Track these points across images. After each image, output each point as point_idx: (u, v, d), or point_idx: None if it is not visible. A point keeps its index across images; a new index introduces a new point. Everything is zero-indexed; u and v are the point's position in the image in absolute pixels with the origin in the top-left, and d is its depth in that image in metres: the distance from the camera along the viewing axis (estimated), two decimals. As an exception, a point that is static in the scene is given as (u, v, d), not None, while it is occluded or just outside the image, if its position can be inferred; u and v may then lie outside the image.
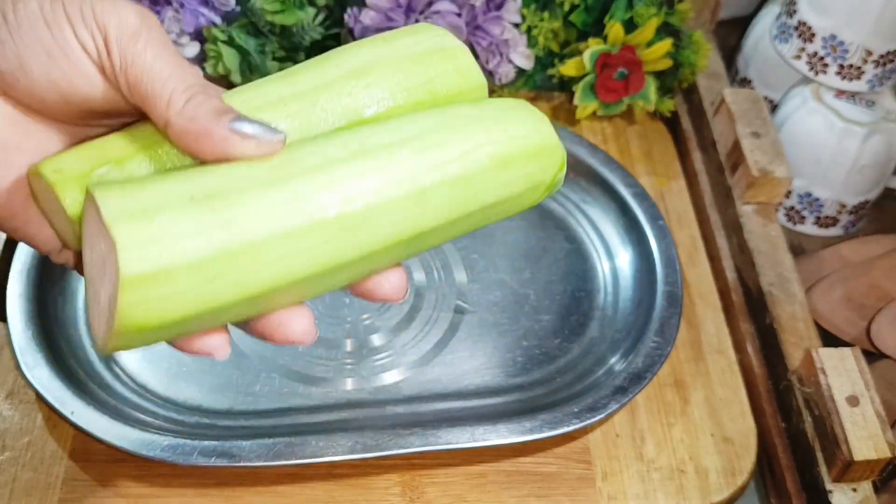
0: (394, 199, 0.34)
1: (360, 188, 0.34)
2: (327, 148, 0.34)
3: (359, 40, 0.40)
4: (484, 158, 0.37)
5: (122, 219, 0.30)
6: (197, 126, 0.34)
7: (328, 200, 0.33)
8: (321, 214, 0.33)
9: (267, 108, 0.37)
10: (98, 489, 0.58)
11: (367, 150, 0.34)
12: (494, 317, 0.68)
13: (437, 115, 0.37)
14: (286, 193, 0.33)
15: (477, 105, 0.39)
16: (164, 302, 0.31)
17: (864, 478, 0.61)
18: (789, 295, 0.70)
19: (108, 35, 0.35)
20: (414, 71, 0.39)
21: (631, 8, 0.81)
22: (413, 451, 0.58)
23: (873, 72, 0.79)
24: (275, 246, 0.32)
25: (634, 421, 0.64)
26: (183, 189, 0.32)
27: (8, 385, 0.62)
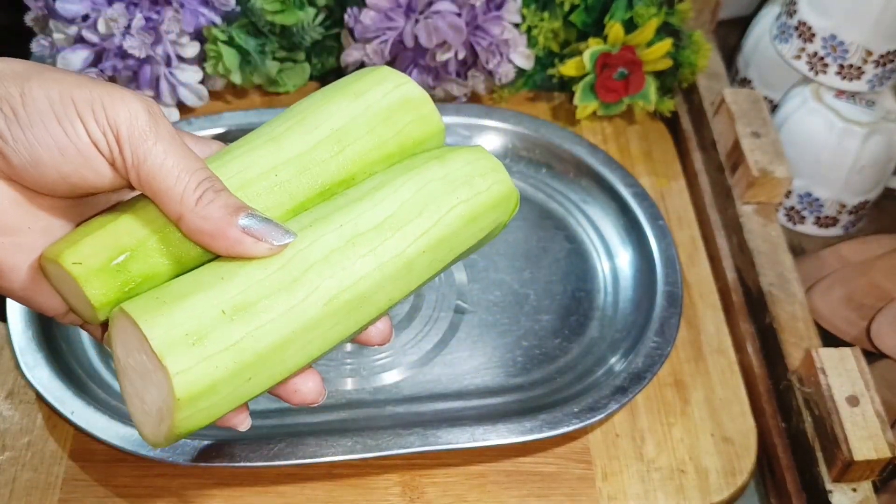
0: (387, 276, 0.41)
1: (360, 273, 0.40)
2: (325, 237, 0.40)
3: (327, 88, 0.45)
4: (456, 219, 0.43)
5: (168, 348, 0.36)
6: (210, 226, 0.38)
7: (336, 290, 0.39)
8: (332, 304, 0.39)
9: (261, 178, 0.41)
10: (98, 489, 0.58)
11: (360, 234, 0.40)
12: (494, 317, 0.68)
13: (411, 182, 0.43)
14: (301, 292, 0.38)
15: (444, 163, 0.44)
16: (210, 409, 0.37)
17: (864, 478, 0.61)
18: (789, 295, 0.70)
19: (119, 134, 0.37)
20: (384, 129, 0.44)
21: (631, 8, 0.81)
22: (413, 451, 0.58)
23: (873, 72, 0.79)
24: (297, 340, 0.39)
25: (634, 421, 0.64)
26: (213, 303, 0.37)
27: (8, 385, 0.62)
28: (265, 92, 0.83)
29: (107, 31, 0.72)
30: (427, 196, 0.43)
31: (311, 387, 0.41)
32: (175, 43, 0.75)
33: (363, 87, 0.45)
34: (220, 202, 0.38)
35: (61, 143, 0.37)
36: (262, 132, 0.43)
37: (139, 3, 0.73)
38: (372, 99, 0.44)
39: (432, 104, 0.46)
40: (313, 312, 0.39)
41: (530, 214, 0.75)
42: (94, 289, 0.38)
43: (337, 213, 0.41)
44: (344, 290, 0.39)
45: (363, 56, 0.78)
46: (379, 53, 0.77)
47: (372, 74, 0.45)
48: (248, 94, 0.83)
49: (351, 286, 0.40)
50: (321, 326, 0.39)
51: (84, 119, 0.37)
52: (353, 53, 0.79)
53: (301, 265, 0.39)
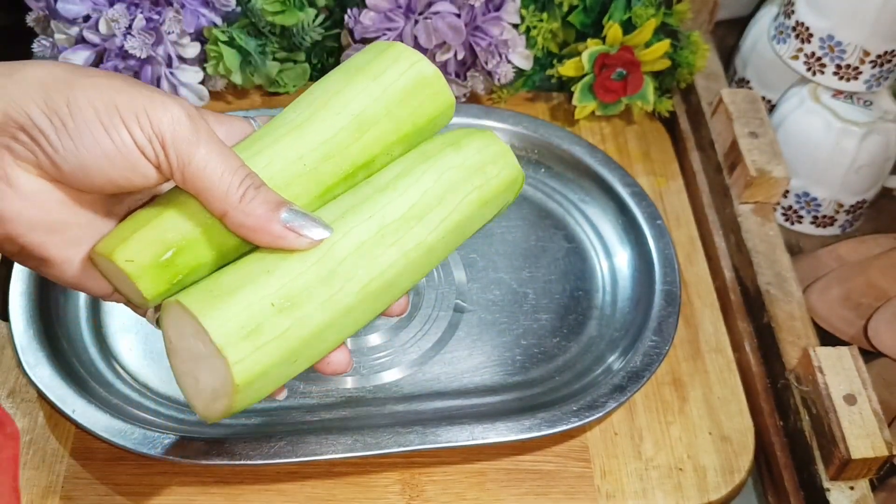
0: (411, 263, 0.45)
1: (387, 262, 0.44)
2: (356, 229, 0.44)
3: (345, 66, 0.48)
4: (470, 205, 0.47)
5: (227, 340, 0.40)
6: (253, 222, 0.41)
7: (367, 279, 0.44)
8: (364, 291, 0.44)
9: (289, 167, 0.44)
10: (99, 487, 0.58)
11: (386, 225, 0.44)
12: (493, 316, 0.68)
13: (431, 171, 0.47)
14: (338, 282, 0.43)
15: (458, 150, 0.48)
16: (261, 391, 0.42)
17: (862, 476, 0.61)
18: (787, 294, 0.70)
19: (164, 140, 0.39)
20: (401, 110, 0.47)
21: (629, 8, 0.81)
22: (412, 450, 0.58)
23: (871, 72, 0.80)
24: (335, 324, 0.43)
25: (633, 419, 0.64)
26: (261, 295, 0.41)
27: (10, 383, 0.63)
28: (265, 92, 0.84)
29: (108, 32, 0.72)
30: (446, 184, 0.47)
31: (341, 359, 0.45)
32: (176, 43, 0.75)
33: (380, 67, 0.47)
34: (261, 198, 0.41)
35: (108, 150, 0.39)
36: (286, 120, 0.45)
37: (140, 4, 0.73)
38: (389, 80, 0.47)
39: (443, 80, 0.48)
40: (348, 300, 0.43)
41: (529, 214, 0.75)
42: (145, 283, 0.41)
43: (364, 204, 0.45)
44: (374, 279, 0.44)
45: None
46: (378, 54, 0.77)
47: (387, 53, 0.47)
48: (248, 94, 0.84)
49: (380, 274, 0.44)
50: (355, 311, 0.44)
51: (129, 127, 0.39)
52: (353, 54, 0.79)
53: (336, 258, 0.43)
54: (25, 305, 0.62)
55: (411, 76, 0.47)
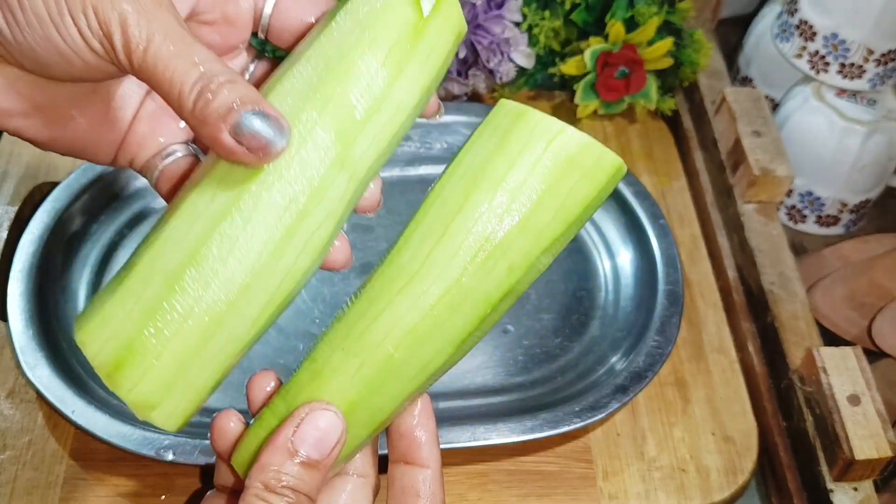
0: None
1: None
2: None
3: (470, 164, 0.38)
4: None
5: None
6: (207, 131, 0.35)
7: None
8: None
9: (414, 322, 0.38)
10: (99, 488, 0.58)
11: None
12: (495, 316, 0.68)
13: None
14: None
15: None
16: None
17: (866, 477, 0.61)
18: (790, 294, 0.70)
19: (112, 40, 0.35)
20: (543, 217, 0.37)
21: (632, 7, 0.81)
22: (414, 450, 0.58)
23: (874, 70, 0.79)
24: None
25: (635, 420, 0.64)
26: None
27: (9, 384, 0.62)
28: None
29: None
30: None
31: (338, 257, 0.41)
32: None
33: (505, 163, 0.37)
34: (217, 101, 0.35)
35: (61, 48, 0.36)
36: (400, 261, 0.38)
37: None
38: (518, 180, 0.37)
39: (597, 147, 0.38)
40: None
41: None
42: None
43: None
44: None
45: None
46: (380, 52, 0.77)
47: (514, 134, 0.37)
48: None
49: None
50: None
51: (79, 26, 0.35)
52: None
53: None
54: (24, 306, 0.62)
55: (548, 165, 0.37)
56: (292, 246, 0.37)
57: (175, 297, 0.36)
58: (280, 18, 0.40)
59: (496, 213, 0.36)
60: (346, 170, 0.37)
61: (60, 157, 0.75)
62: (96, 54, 0.36)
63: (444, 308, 0.37)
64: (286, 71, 0.38)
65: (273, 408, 0.39)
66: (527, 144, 0.37)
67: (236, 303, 0.36)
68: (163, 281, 0.36)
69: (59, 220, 0.67)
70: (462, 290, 0.37)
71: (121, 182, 0.71)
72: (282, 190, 0.36)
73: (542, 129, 0.37)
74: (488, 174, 0.37)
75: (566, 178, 0.37)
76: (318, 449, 0.38)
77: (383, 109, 0.37)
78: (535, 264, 0.38)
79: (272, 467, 0.37)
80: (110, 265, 0.68)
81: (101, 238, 0.69)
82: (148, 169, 0.42)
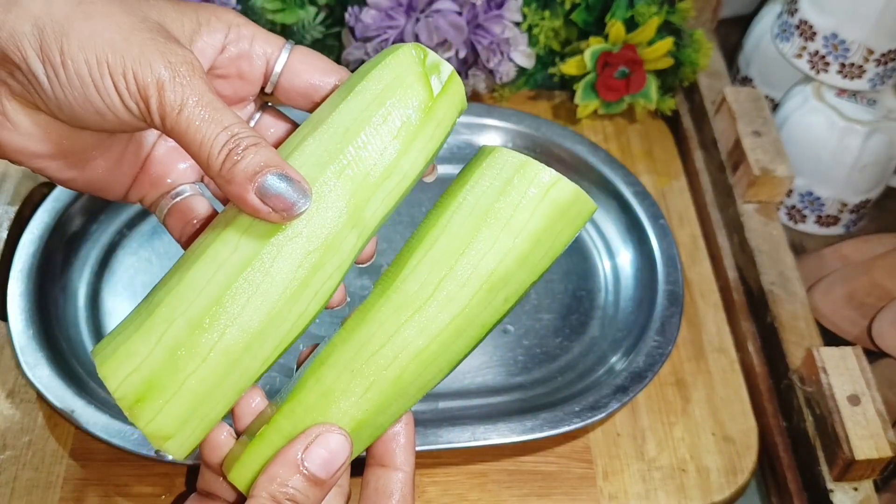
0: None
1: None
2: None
3: (467, 203, 0.42)
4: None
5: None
6: (234, 190, 0.38)
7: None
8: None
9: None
10: (99, 488, 0.58)
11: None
12: (495, 316, 0.68)
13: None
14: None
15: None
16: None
17: (866, 477, 0.61)
18: (790, 294, 0.70)
19: (149, 103, 0.38)
20: (536, 255, 0.42)
21: (632, 7, 0.81)
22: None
23: (874, 70, 0.79)
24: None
25: (635, 420, 0.64)
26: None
27: (9, 384, 0.62)
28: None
29: (107, 30, 0.72)
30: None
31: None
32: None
33: (508, 205, 0.42)
34: (244, 163, 0.38)
35: (98, 107, 0.39)
36: (406, 291, 0.42)
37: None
38: (519, 224, 0.41)
39: (582, 196, 0.42)
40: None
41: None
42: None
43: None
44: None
45: (364, 55, 0.78)
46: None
47: (515, 185, 0.42)
48: (248, 92, 0.83)
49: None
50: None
51: (118, 87, 0.38)
52: (354, 52, 0.79)
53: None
54: (24, 306, 0.62)
55: (546, 210, 0.42)
56: (305, 295, 0.40)
57: (196, 339, 0.39)
58: (288, 78, 0.45)
59: (501, 251, 0.41)
60: (356, 228, 0.41)
61: (60, 157, 0.75)
62: (131, 113, 0.39)
63: (450, 334, 0.41)
64: (306, 136, 0.41)
65: (278, 427, 0.41)
66: (527, 191, 0.42)
67: (251, 345, 0.40)
68: (185, 323, 0.39)
69: (60, 220, 0.67)
70: (466, 318, 0.41)
71: (121, 182, 0.71)
72: (300, 245, 0.40)
73: (542, 178, 0.42)
74: (494, 215, 0.41)
75: (560, 221, 0.42)
76: (325, 469, 0.40)
77: (393, 176, 0.41)
78: (524, 294, 0.43)
79: (279, 479, 0.39)
80: (110, 265, 0.68)
81: (100, 238, 0.69)
82: (157, 206, 0.45)
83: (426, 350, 0.41)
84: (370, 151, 0.41)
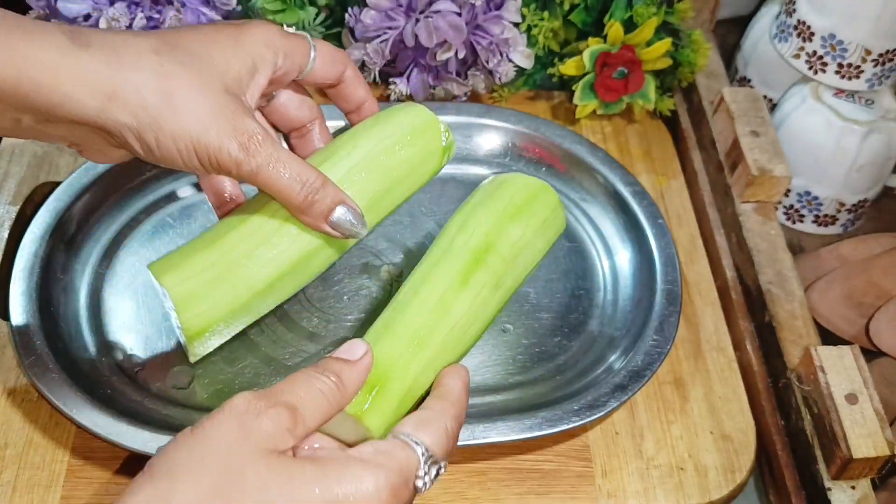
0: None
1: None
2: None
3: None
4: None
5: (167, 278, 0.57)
6: (311, 222, 0.55)
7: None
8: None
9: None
10: (100, 486, 0.58)
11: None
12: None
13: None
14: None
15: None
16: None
17: (863, 475, 0.61)
18: (788, 293, 0.70)
19: (231, 174, 0.52)
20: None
21: (630, 7, 0.81)
22: (413, 449, 0.58)
23: (872, 71, 0.80)
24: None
25: (634, 419, 0.64)
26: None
27: (10, 383, 0.63)
28: (266, 91, 0.83)
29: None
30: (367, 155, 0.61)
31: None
32: (176, 42, 0.75)
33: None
34: (318, 206, 0.53)
35: (181, 168, 0.52)
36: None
37: (141, 3, 0.73)
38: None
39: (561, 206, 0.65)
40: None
41: (530, 213, 0.75)
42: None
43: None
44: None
45: (364, 55, 0.78)
46: (379, 53, 0.77)
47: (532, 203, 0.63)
48: (248, 93, 0.84)
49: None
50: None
51: (204, 165, 0.51)
52: (354, 53, 0.79)
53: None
54: (26, 304, 0.62)
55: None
56: (316, 259, 0.59)
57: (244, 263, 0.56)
58: (313, 76, 0.59)
59: (508, 256, 0.60)
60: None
61: (61, 156, 0.75)
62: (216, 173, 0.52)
63: (468, 318, 0.57)
64: (337, 162, 0.59)
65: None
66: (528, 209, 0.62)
67: (281, 278, 0.58)
68: (243, 250, 0.56)
69: (61, 219, 0.67)
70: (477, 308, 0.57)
71: (122, 182, 0.71)
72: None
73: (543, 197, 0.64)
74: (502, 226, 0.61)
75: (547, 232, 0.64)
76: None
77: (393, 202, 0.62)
78: (517, 291, 0.62)
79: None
80: (112, 265, 0.68)
81: (102, 238, 0.70)
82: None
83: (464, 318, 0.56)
84: (385, 180, 0.60)
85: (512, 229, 0.60)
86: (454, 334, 0.55)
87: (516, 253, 0.60)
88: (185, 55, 0.50)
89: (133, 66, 0.48)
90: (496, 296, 0.58)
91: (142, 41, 0.49)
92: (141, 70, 0.48)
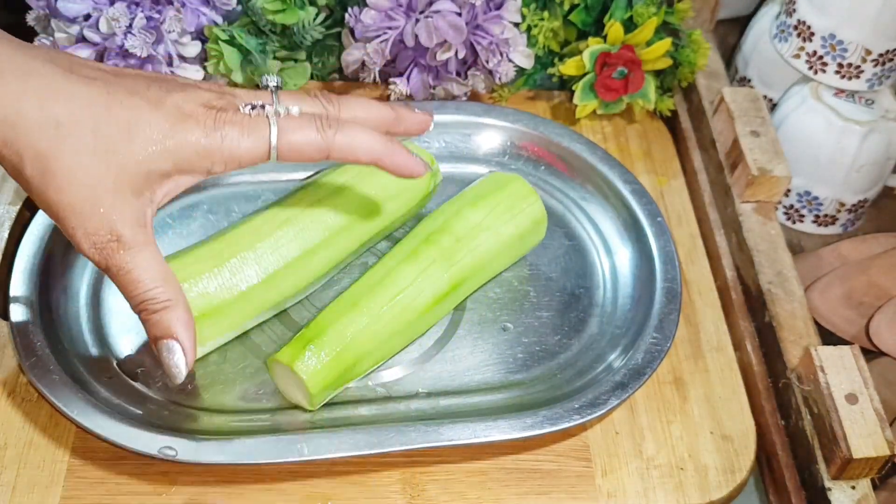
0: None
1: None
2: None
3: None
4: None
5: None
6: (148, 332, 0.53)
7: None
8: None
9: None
10: (100, 487, 0.58)
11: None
12: (494, 314, 0.68)
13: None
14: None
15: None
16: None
17: (863, 475, 0.61)
18: (788, 293, 0.70)
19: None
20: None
21: (630, 7, 0.81)
22: (414, 448, 0.58)
23: (872, 70, 0.80)
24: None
25: (634, 418, 0.64)
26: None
27: (10, 383, 0.63)
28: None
29: (108, 31, 0.72)
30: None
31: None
32: (176, 42, 0.75)
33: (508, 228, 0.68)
34: (147, 327, 0.53)
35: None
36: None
37: (141, 3, 0.73)
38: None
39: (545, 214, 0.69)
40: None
41: (530, 213, 0.75)
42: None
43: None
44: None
45: (364, 55, 0.78)
46: (379, 53, 0.77)
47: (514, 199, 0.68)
48: (248, 93, 0.83)
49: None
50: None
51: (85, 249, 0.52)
52: (354, 53, 0.79)
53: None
54: (26, 305, 0.62)
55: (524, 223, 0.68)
56: (315, 259, 0.64)
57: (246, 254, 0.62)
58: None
59: (462, 236, 0.65)
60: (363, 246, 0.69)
61: (61, 157, 0.75)
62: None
63: (415, 290, 0.63)
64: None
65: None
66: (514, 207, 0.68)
67: (275, 275, 0.63)
68: (249, 239, 0.62)
69: (60, 219, 0.67)
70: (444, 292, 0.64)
71: (121, 182, 0.71)
72: (315, 233, 0.64)
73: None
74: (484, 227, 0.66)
75: (532, 235, 0.69)
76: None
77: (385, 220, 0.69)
78: (496, 274, 0.69)
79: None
80: (111, 264, 0.68)
81: (101, 237, 0.69)
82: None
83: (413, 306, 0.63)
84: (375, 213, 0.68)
85: (471, 214, 0.65)
86: (399, 303, 0.61)
87: (473, 235, 0.64)
88: (106, 125, 0.49)
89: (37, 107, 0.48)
90: (449, 272, 0.63)
91: (83, 87, 0.49)
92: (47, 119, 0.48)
